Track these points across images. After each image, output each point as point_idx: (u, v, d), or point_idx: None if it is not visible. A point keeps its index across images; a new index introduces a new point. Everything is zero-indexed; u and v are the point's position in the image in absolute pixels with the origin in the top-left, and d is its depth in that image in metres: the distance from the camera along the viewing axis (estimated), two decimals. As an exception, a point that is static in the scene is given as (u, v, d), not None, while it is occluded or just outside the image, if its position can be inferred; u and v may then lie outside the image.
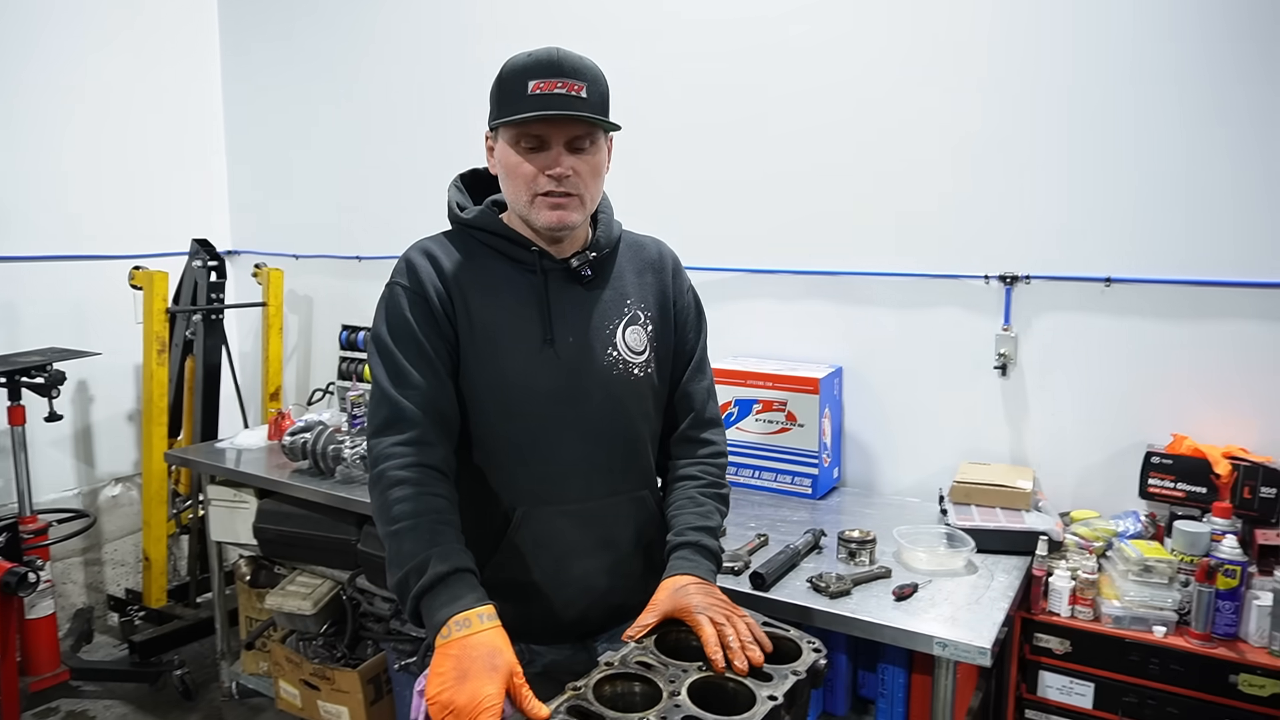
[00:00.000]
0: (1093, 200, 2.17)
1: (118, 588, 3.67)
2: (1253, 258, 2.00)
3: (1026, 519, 2.05)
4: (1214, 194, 2.03)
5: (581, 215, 1.33)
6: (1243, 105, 1.97)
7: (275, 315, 3.66)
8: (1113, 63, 2.11)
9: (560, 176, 1.27)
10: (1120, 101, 2.11)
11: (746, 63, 2.62)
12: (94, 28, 3.51)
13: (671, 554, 1.34)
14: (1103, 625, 1.84)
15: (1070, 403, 2.27)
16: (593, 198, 1.35)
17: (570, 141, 1.28)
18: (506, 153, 1.30)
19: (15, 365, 2.87)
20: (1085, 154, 2.17)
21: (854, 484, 2.59)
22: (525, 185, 1.29)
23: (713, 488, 1.43)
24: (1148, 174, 2.10)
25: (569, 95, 1.25)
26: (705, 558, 1.33)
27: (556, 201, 1.29)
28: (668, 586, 1.28)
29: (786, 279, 2.64)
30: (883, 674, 1.83)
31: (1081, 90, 2.15)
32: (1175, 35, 2.03)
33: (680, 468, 1.47)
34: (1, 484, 3.24)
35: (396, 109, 3.41)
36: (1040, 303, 2.27)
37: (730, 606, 1.25)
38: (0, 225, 3.29)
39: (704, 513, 1.38)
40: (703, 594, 1.25)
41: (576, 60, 1.29)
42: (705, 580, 1.30)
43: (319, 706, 2.69)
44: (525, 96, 1.25)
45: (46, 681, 2.94)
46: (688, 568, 1.30)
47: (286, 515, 2.71)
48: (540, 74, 1.25)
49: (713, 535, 1.37)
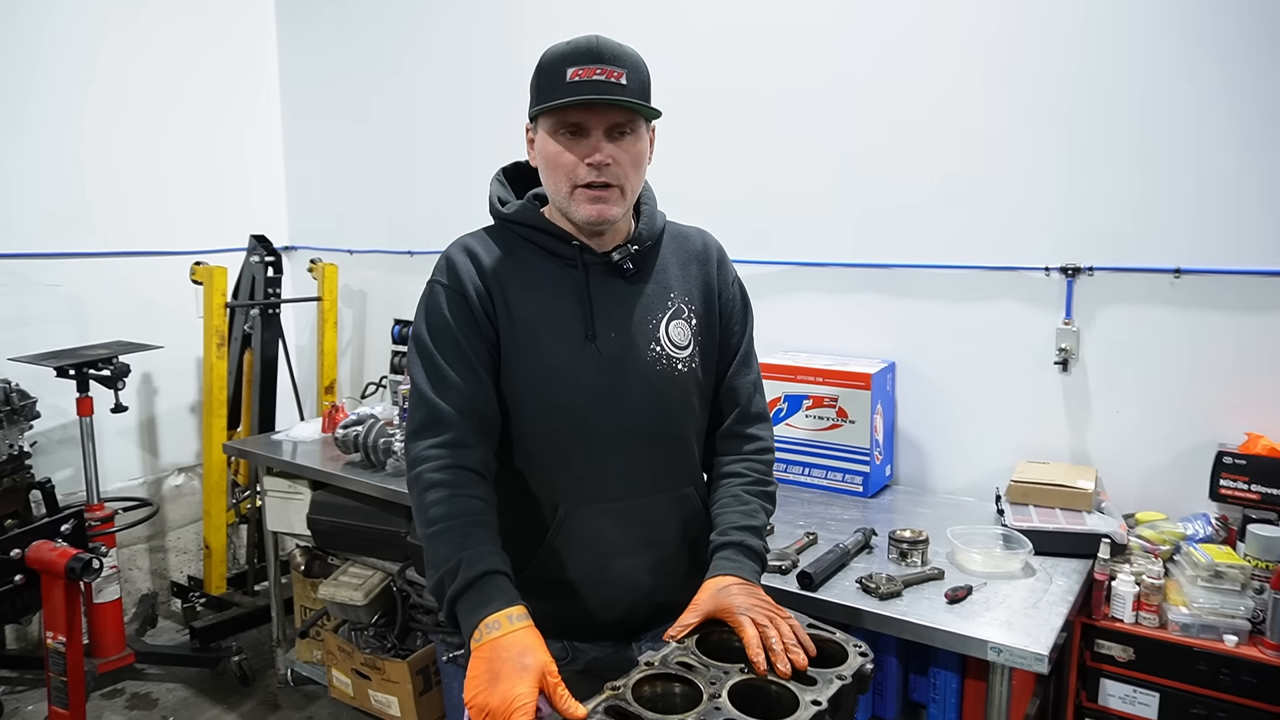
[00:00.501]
0: (1160, 186, 2.07)
1: (181, 574, 3.79)
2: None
3: (1088, 520, 1.97)
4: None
5: (621, 208, 1.30)
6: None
7: (330, 310, 3.72)
8: (1186, 38, 2.01)
9: (600, 165, 1.25)
10: (1189, 80, 2.01)
11: (797, 57, 2.57)
12: (158, 30, 3.61)
13: (715, 554, 1.32)
14: (1169, 633, 1.76)
15: (1136, 399, 2.17)
16: (633, 189, 1.32)
17: (610, 129, 1.26)
18: (546, 142, 1.28)
19: (82, 358, 2.97)
20: (1152, 135, 2.07)
21: (907, 482, 2.53)
22: (565, 176, 1.27)
23: (758, 485, 1.40)
24: (1219, 157, 1.99)
25: (608, 81, 1.23)
26: (749, 558, 1.30)
27: (596, 194, 1.27)
28: (710, 586, 1.25)
29: (839, 272, 2.58)
30: (934, 678, 1.78)
31: (1151, 67, 2.06)
32: (1244, 11, 1.93)
33: (725, 464, 1.43)
34: (71, 473, 3.36)
35: (446, 102, 3.43)
36: (1104, 295, 2.18)
37: (774, 608, 1.22)
38: (71, 224, 3.41)
39: (749, 511, 1.35)
40: (746, 595, 1.22)
41: (616, 47, 1.26)
42: (749, 581, 1.27)
43: (370, 696, 2.73)
44: (564, 84, 1.23)
45: (113, 664, 3.04)
46: (731, 568, 1.27)
47: (339, 507, 2.75)
48: (579, 61, 1.23)
49: (757, 535, 1.34)
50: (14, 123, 3.23)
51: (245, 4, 3.92)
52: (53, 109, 3.33)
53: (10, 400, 2.23)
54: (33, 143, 3.29)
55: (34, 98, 3.28)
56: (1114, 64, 2.10)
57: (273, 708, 3.04)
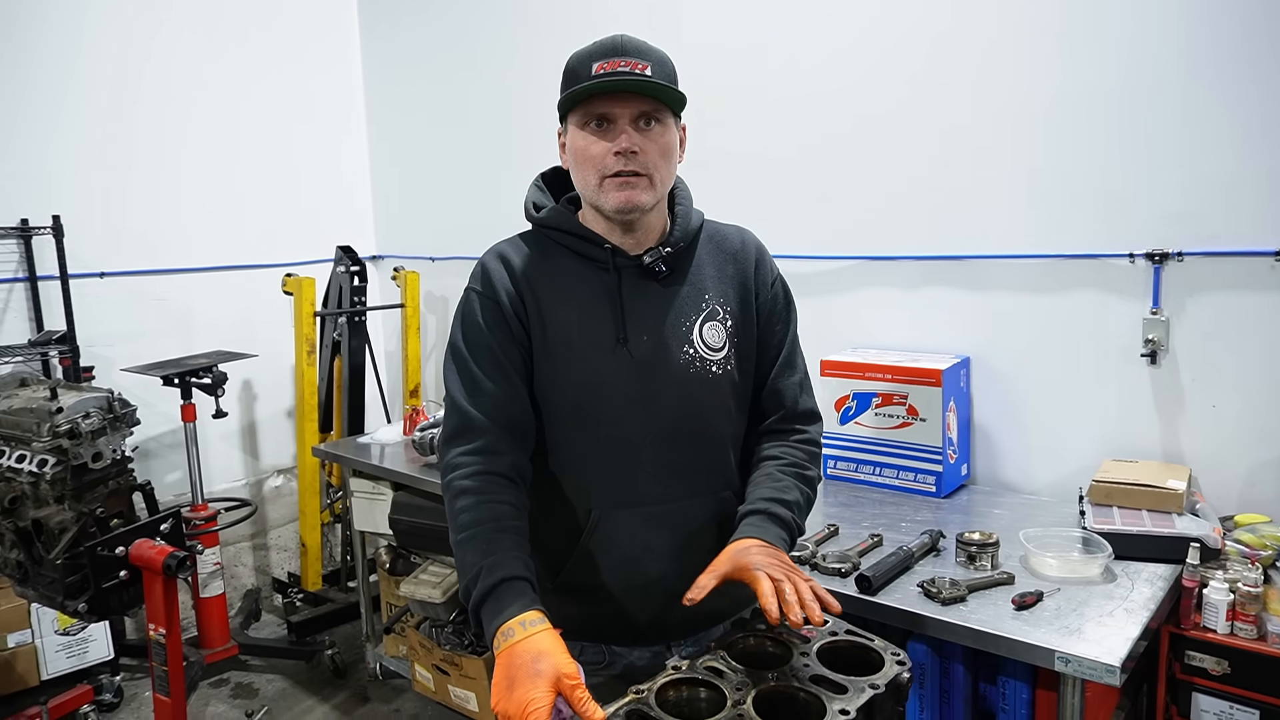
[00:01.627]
0: (1255, 161, 1.92)
1: (281, 571, 3.99)
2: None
3: (1177, 523, 1.84)
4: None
5: (652, 197, 1.29)
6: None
7: (413, 316, 3.85)
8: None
9: (627, 152, 1.25)
10: (1277, 42, 1.85)
11: (863, 46, 2.50)
12: (268, 71, 3.84)
13: (740, 521, 1.29)
14: (1269, 645, 1.63)
15: (1234, 393, 2.02)
16: (663, 180, 1.31)
17: (637, 119, 1.26)
18: (575, 138, 1.29)
19: (185, 368, 3.17)
20: (1242, 106, 1.92)
21: (984, 482, 2.42)
22: (594, 168, 1.27)
23: (794, 468, 1.36)
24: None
25: (633, 73, 1.24)
26: (774, 524, 1.27)
27: (625, 180, 1.26)
28: (731, 549, 1.23)
29: (908, 265, 2.50)
30: (1004, 688, 1.70)
31: (1238, 32, 1.90)
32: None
33: (763, 450, 1.41)
34: (180, 475, 3.58)
35: (520, 111, 3.49)
36: (1195, 282, 2.03)
37: (793, 568, 1.19)
38: (178, 241, 3.65)
39: (780, 488, 1.32)
40: (765, 554, 1.20)
41: (640, 43, 1.27)
42: (771, 544, 1.24)
43: (449, 691, 2.81)
44: (589, 78, 1.25)
45: (218, 655, 3.23)
46: (755, 532, 1.25)
47: (418, 507, 2.84)
48: (604, 55, 1.25)
49: (785, 506, 1.30)
50: (122, 151, 3.48)
51: (330, 22, 4.09)
52: (158, 135, 3.56)
53: (113, 408, 2.38)
54: (139, 167, 3.53)
55: (138, 127, 3.52)
56: (1198, 34, 1.96)
57: (363, 700, 3.16)
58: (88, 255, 3.37)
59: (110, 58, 3.42)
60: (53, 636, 3.07)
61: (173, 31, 3.56)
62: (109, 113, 3.43)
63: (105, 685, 3.09)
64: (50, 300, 3.26)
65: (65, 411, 2.31)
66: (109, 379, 3.27)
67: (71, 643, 3.11)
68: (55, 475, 2.25)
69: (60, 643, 3.09)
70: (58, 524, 2.27)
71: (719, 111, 2.78)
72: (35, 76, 3.25)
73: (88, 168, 3.39)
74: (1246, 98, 1.91)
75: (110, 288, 3.46)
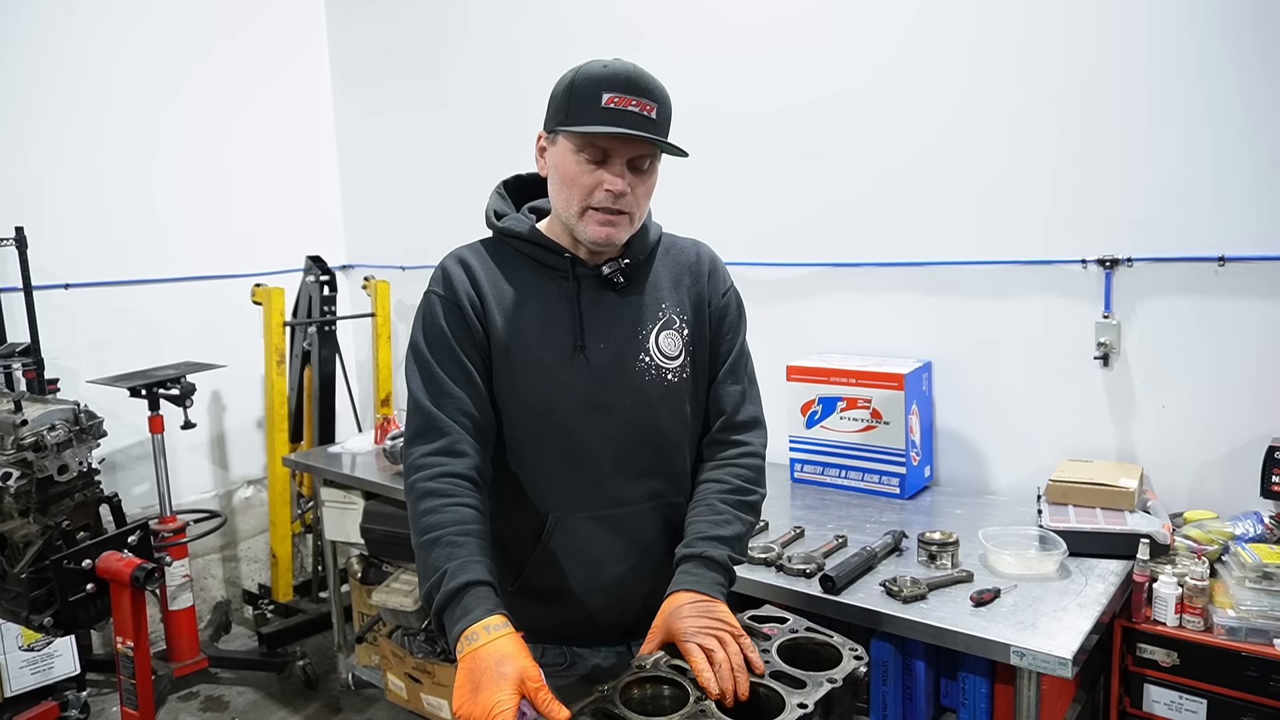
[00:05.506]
0: (1201, 170, 1.99)
1: (252, 583, 3.96)
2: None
3: (1129, 520, 1.90)
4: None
5: (628, 233, 1.33)
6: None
7: (384, 325, 3.85)
8: (1225, 12, 1.93)
9: (619, 193, 1.27)
10: (1233, 58, 1.93)
11: (823, 55, 2.55)
12: (235, 82, 3.83)
13: (677, 566, 1.30)
14: (1215, 636, 1.69)
15: (1182, 394, 2.09)
16: (640, 216, 1.34)
17: (633, 160, 1.28)
18: (565, 159, 1.29)
19: (152, 379, 3.15)
20: (1190, 117, 1.99)
21: (948, 483, 2.48)
22: (579, 195, 1.28)
23: (735, 494, 1.37)
24: (1263, 137, 1.91)
25: (641, 114, 1.24)
26: (710, 569, 1.27)
27: (608, 218, 1.28)
28: (665, 608, 1.24)
29: (871, 271, 2.55)
30: (963, 683, 1.74)
31: (1188, 46, 1.98)
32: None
33: (705, 471, 1.42)
34: (148, 487, 3.55)
35: (489, 120, 3.52)
36: (1144, 287, 2.10)
37: (724, 626, 1.19)
38: (144, 252, 3.62)
39: (719, 520, 1.33)
40: (696, 615, 1.20)
41: (650, 80, 1.27)
42: (706, 596, 1.23)
43: (422, 699, 2.81)
44: (598, 108, 1.23)
45: (188, 668, 3.20)
46: (689, 582, 1.25)
47: (389, 516, 2.85)
48: (616, 88, 1.23)
49: (724, 544, 1.31)
50: (86, 162, 3.45)
51: (298, 32, 4.09)
52: (123, 146, 3.54)
53: (80, 420, 2.37)
54: (104, 178, 3.50)
55: (103, 138, 3.50)
56: (1148, 44, 2.03)
57: (335, 710, 3.15)
58: (52, 266, 3.34)
59: (75, 68, 3.39)
60: (16, 653, 3.02)
61: (139, 42, 3.55)
62: (73, 123, 3.40)
63: (71, 701, 3.05)
64: (13, 312, 3.22)
65: (30, 424, 2.29)
66: (74, 391, 3.24)
67: (36, 658, 3.06)
68: (20, 488, 2.23)
69: (24, 659, 3.04)
70: (22, 537, 2.25)
71: (688, 126, 2.82)
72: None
73: (52, 178, 3.36)
74: (1193, 108, 1.99)
75: (75, 299, 3.43)
